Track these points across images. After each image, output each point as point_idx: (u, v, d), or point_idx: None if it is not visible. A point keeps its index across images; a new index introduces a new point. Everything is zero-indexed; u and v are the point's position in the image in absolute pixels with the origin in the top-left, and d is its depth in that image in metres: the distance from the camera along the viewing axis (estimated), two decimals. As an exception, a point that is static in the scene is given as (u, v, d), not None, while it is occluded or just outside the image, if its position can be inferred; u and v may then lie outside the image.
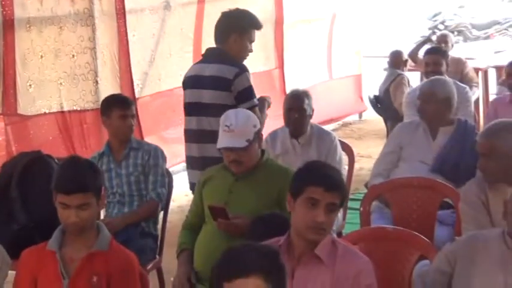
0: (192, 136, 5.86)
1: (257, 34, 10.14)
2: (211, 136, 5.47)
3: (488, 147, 4.72)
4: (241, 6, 9.77)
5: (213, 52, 5.82)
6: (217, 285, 2.81)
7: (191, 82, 5.86)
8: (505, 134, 4.72)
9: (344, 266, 3.72)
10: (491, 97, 10.62)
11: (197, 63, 5.94)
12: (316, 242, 3.69)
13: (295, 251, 3.72)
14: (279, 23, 10.32)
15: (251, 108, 5.55)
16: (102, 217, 5.71)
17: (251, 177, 4.95)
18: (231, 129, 4.89)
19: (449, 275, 4.01)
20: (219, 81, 5.59)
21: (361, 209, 5.44)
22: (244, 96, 5.61)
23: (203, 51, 9.36)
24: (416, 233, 4.66)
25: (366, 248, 4.43)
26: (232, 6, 9.72)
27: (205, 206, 4.96)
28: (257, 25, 5.96)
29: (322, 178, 3.73)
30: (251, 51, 5.98)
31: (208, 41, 9.49)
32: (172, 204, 6.61)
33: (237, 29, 5.75)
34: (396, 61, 10.68)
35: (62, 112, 8.15)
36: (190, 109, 5.85)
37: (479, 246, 4.03)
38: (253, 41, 5.91)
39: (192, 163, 5.85)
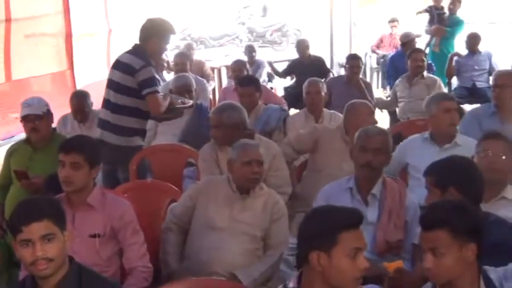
0: (106, 105, 5.42)
1: (51, 43, 9.92)
2: (118, 108, 5.29)
3: (216, 121, 4.81)
4: (37, 23, 9.57)
5: (134, 47, 5.40)
6: (17, 229, 2.71)
7: (113, 64, 5.50)
8: (228, 112, 4.83)
9: (111, 209, 3.72)
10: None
11: (125, 51, 5.51)
12: (76, 192, 3.68)
13: (73, 201, 3.66)
14: (68, 35, 9.99)
15: (153, 93, 5.24)
16: None
17: (46, 148, 4.86)
18: (29, 104, 4.89)
19: (192, 207, 4.07)
20: (128, 67, 5.24)
21: (130, 168, 5.37)
22: (147, 84, 5.21)
23: (12, 59, 9.21)
24: (169, 184, 4.70)
25: (133, 195, 4.43)
26: (32, 25, 9.52)
27: (12, 171, 4.81)
28: (172, 31, 5.59)
29: (61, 145, 3.74)
30: (166, 50, 5.75)
31: (15, 50, 9.23)
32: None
33: (157, 34, 5.38)
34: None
35: None
36: (108, 83, 5.44)
37: (213, 187, 4.12)
38: (168, 43, 5.58)
39: (105, 125, 5.39)
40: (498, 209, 3.54)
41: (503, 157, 3.79)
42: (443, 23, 10.67)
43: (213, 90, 10.30)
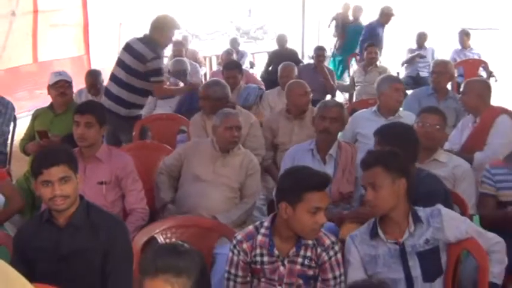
0: (119, 83, 5.35)
1: (71, 32, 9.83)
2: (133, 89, 5.29)
3: (204, 94, 4.82)
4: (59, 15, 9.48)
5: (147, 37, 5.35)
6: (38, 172, 2.72)
7: (125, 46, 5.44)
8: (213, 87, 4.84)
9: (116, 162, 3.75)
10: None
11: (136, 38, 5.45)
12: (88, 147, 3.71)
13: (85, 155, 3.67)
14: (85, 25, 9.94)
15: (158, 82, 5.31)
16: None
17: (65, 114, 4.85)
18: (60, 73, 4.96)
19: (180, 161, 4.10)
20: (140, 56, 5.22)
21: (134, 133, 5.35)
22: (155, 73, 5.25)
23: (38, 44, 9.14)
24: (164, 144, 4.72)
25: (135, 153, 4.39)
26: (56, 16, 9.43)
27: (35, 131, 4.81)
28: (176, 26, 5.53)
29: (76, 108, 3.83)
30: (171, 41, 5.78)
31: (42, 36, 9.16)
32: (19, 134, 6.19)
33: (164, 28, 5.34)
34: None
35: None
36: (118, 62, 5.41)
37: (199, 147, 4.14)
38: (173, 36, 5.62)
39: (115, 99, 5.34)
40: (431, 168, 3.58)
41: (438, 127, 3.85)
42: (345, 29, 10.51)
43: (205, 74, 10.26)
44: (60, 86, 4.89)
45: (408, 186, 2.76)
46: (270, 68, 9.63)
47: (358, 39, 10.14)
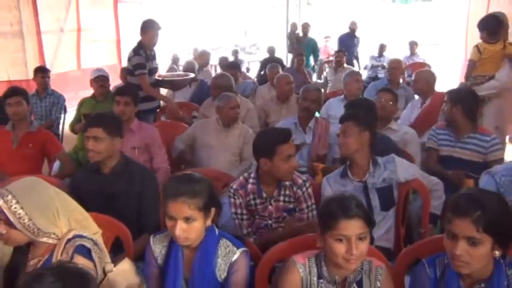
0: None
1: (107, 45, 9.76)
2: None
3: (215, 83, 4.86)
4: (97, 32, 9.45)
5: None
6: (85, 130, 2.79)
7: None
8: (222, 78, 4.93)
9: (145, 131, 3.82)
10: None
11: None
12: (125, 121, 3.59)
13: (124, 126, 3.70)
14: (118, 40, 9.92)
15: (141, 74, 4.87)
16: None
17: (103, 102, 4.93)
18: (99, 70, 5.08)
19: (192, 137, 4.12)
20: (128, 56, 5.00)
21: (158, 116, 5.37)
22: (136, 67, 4.88)
23: (81, 54, 9.13)
24: (181, 123, 4.73)
25: (159, 129, 4.36)
26: (95, 33, 9.42)
27: (81, 115, 4.89)
28: (158, 27, 5.00)
29: (117, 90, 3.86)
30: (154, 39, 4.99)
31: (84, 48, 9.16)
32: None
33: (146, 29, 4.98)
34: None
35: (9, 81, 7.35)
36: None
37: (206, 125, 4.18)
38: (154, 36, 4.97)
39: None
40: (386, 134, 3.67)
41: (391, 103, 3.93)
42: (299, 43, 10.26)
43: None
44: (100, 80, 4.97)
45: (371, 139, 2.84)
46: (262, 72, 9.69)
47: (310, 52, 10.02)
